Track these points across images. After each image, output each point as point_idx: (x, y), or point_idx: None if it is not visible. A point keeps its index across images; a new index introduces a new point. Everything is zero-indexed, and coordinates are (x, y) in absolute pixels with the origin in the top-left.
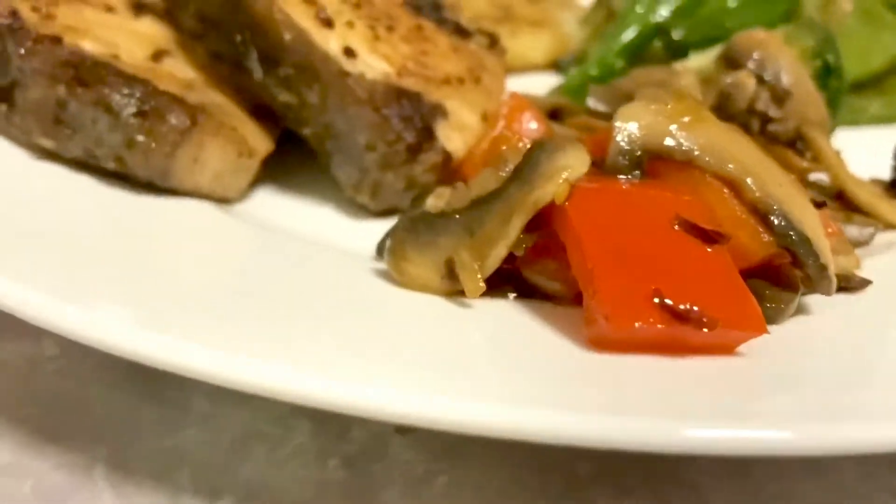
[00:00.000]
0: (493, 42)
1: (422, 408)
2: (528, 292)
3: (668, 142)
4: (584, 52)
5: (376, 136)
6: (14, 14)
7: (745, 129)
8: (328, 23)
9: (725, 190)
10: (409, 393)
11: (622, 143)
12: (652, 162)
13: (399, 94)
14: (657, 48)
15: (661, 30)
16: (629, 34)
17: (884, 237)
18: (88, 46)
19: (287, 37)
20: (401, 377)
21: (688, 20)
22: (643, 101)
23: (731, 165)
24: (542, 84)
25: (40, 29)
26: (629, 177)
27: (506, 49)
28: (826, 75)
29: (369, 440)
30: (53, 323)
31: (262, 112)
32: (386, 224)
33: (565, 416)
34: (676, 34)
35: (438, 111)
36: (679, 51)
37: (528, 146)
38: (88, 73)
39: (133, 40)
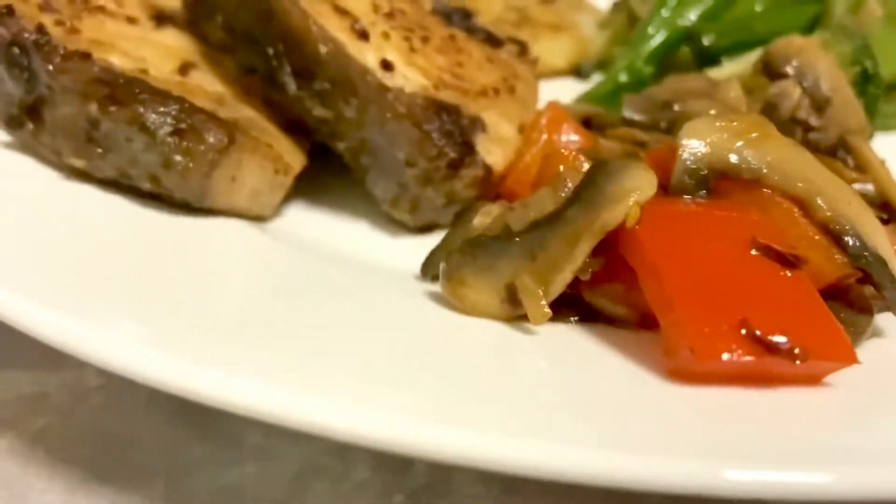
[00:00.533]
0: (524, 50)
1: (500, 452)
2: (591, 316)
3: (736, 160)
4: (605, 57)
5: (417, 151)
6: (40, 29)
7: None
8: (364, 35)
9: (796, 209)
10: (485, 436)
11: (688, 162)
12: (718, 181)
13: (439, 108)
14: (685, 53)
15: (691, 35)
16: (657, 39)
17: None
18: (116, 61)
19: (323, 50)
20: (474, 417)
21: (716, 24)
22: (707, 118)
23: (800, 184)
24: (563, 89)
25: (67, 44)
26: (695, 197)
27: (537, 58)
28: (864, 82)
29: (433, 473)
30: (92, 355)
31: (294, 125)
32: (423, 239)
33: (660, 461)
34: (707, 39)
35: (478, 124)
36: (707, 56)
37: (588, 165)
38: (121, 91)
39: (159, 53)
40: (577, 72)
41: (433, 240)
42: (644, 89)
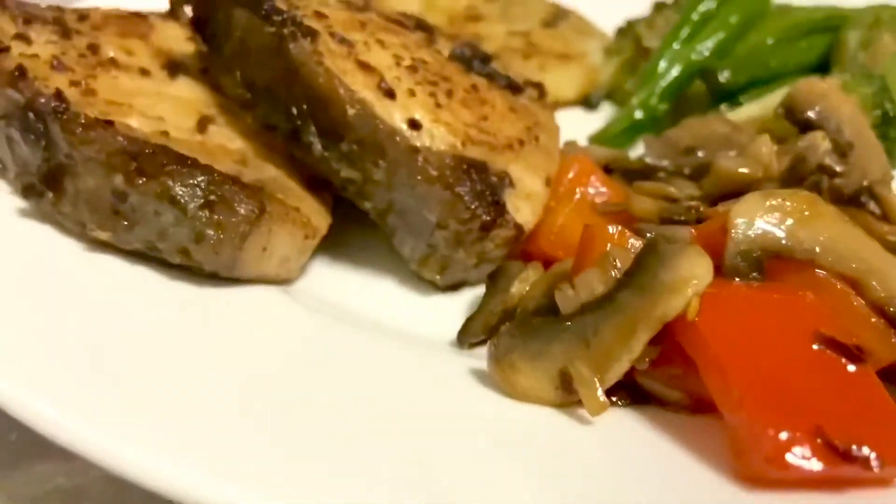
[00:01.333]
0: (542, 93)
1: None
2: (642, 397)
3: (789, 241)
4: (614, 86)
5: (448, 213)
6: (59, 96)
7: (815, 187)
8: (390, 93)
9: (851, 292)
10: None
11: (741, 244)
12: (771, 262)
13: (468, 167)
14: (698, 86)
15: (705, 71)
16: (671, 75)
17: None
18: (136, 123)
19: (350, 112)
20: None
21: (730, 60)
22: (756, 196)
23: (854, 264)
24: (573, 119)
25: (86, 109)
26: (749, 279)
27: (556, 103)
28: (885, 124)
29: None
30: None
31: (317, 180)
32: (452, 299)
33: None
34: (723, 77)
35: (506, 180)
36: (723, 92)
37: (639, 247)
38: (147, 162)
39: (175, 108)
40: (587, 101)
41: (462, 298)
42: (658, 125)
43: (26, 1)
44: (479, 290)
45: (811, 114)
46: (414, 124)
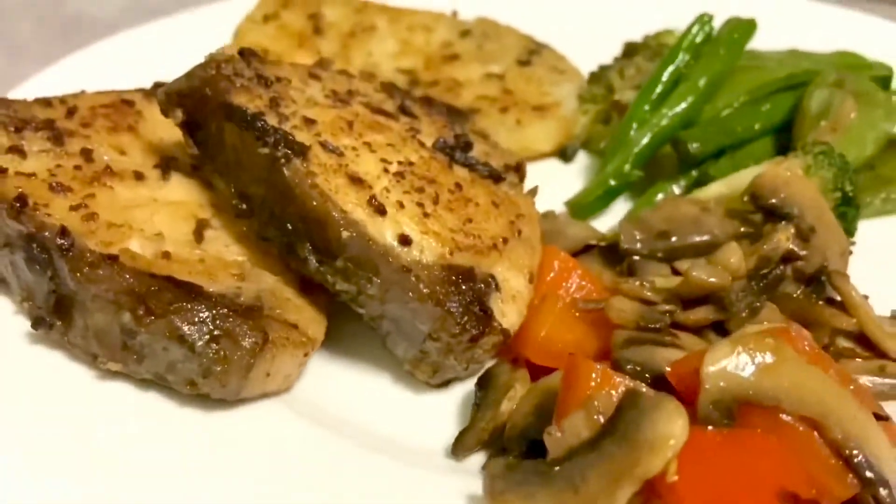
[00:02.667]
0: (522, 176)
1: None
2: None
3: (756, 390)
4: (588, 135)
5: (439, 328)
6: (64, 232)
7: (778, 280)
8: (381, 210)
9: (814, 434)
10: None
11: (713, 395)
12: (741, 407)
13: (456, 279)
14: (669, 148)
15: (676, 141)
16: (642, 142)
17: None
18: (137, 247)
19: (345, 234)
20: None
21: (697, 129)
22: (726, 345)
23: (814, 406)
24: (549, 171)
25: (90, 241)
26: (721, 425)
27: (536, 187)
28: (844, 204)
29: None
30: None
31: (312, 282)
32: (443, 396)
33: None
34: (692, 147)
35: (492, 285)
36: (692, 160)
37: (620, 394)
38: (154, 300)
39: (172, 217)
40: (563, 153)
41: (453, 396)
42: (632, 187)
43: (14, 100)
44: (470, 384)
45: (775, 201)
46: (404, 240)
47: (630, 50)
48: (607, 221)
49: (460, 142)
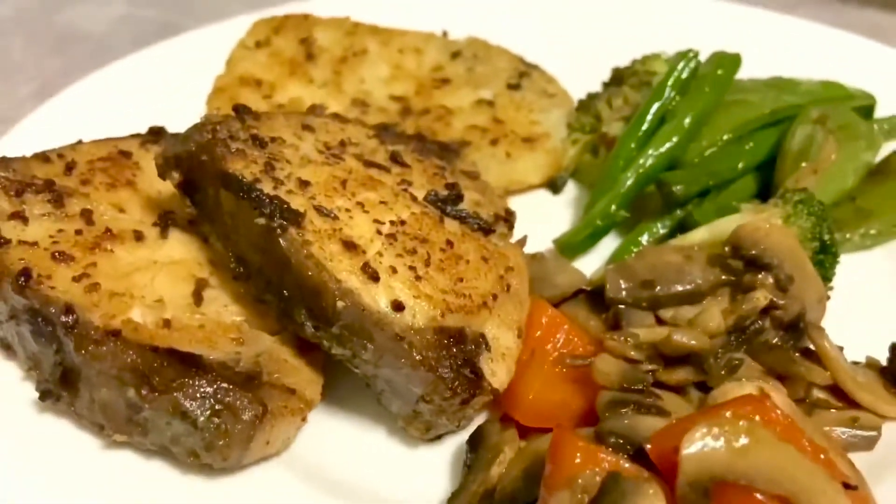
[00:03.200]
0: (511, 225)
1: None
2: None
3: (731, 471)
4: (576, 165)
5: (431, 391)
6: (69, 310)
7: (757, 333)
8: (374, 276)
9: None
10: None
11: (690, 476)
12: (717, 487)
13: (448, 342)
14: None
15: (661, 183)
16: (627, 183)
17: None
18: (139, 316)
19: (340, 304)
20: None
21: (681, 171)
22: (703, 428)
23: (786, 485)
24: (536, 202)
25: (94, 315)
26: None
27: (525, 237)
28: (822, 252)
29: None
30: None
31: (309, 343)
32: (435, 449)
33: None
34: (677, 190)
35: (482, 345)
36: (676, 202)
37: (603, 475)
38: (157, 376)
39: (172, 279)
40: (552, 185)
41: (446, 449)
42: (618, 226)
43: (13, 158)
44: (461, 437)
45: (755, 252)
46: (397, 306)
47: (618, 76)
48: (594, 259)
49: (451, 194)
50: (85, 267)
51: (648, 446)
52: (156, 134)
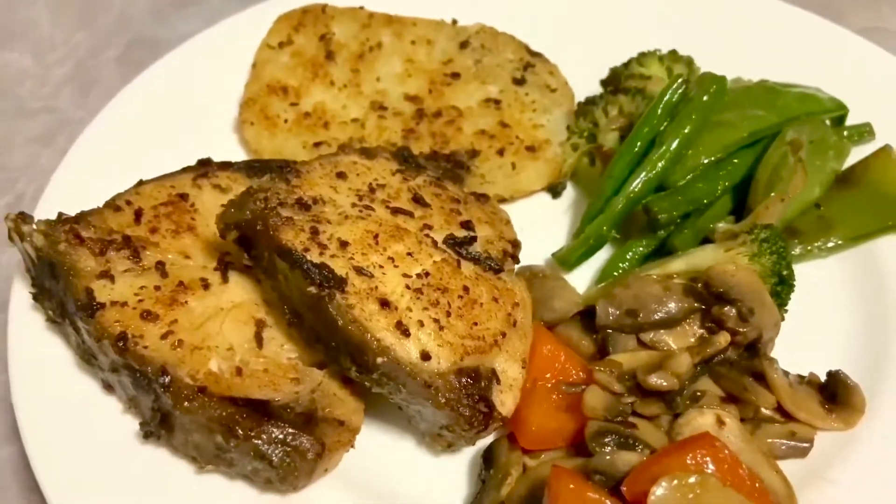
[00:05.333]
0: (516, 257)
1: None
2: None
3: None
4: (575, 171)
5: (453, 423)
6: (164, 371)
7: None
8: (406, 332)
9: None
10: None
11: None
12: None
13: (466, 382)
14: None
15: (646, 208)
16: (617, 207)
17: None
18: (215, 366)
19: (380, 360)
20: None
21: (665, 198)
22: (665, 480)
23: None
24: (536, 206)
25: (183, 373)
26: None
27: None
28: (780, 284)
29: None
30: None
31: None
32: (456, 457)
33: None
34: (661, 216)
35: (493, 379)
36: (660, 225)
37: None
38: (239, 427)
39: (236, 323)
40: (552, 189)
41: (465, 456)
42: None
43: (90, 213)
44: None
45: (723, 290)
46: (425, 356)
47: (615, 76)
48: (589, 268)
49: (467, 237)
50: (169, 324)
51: (624, 488)
52: (205, 165)
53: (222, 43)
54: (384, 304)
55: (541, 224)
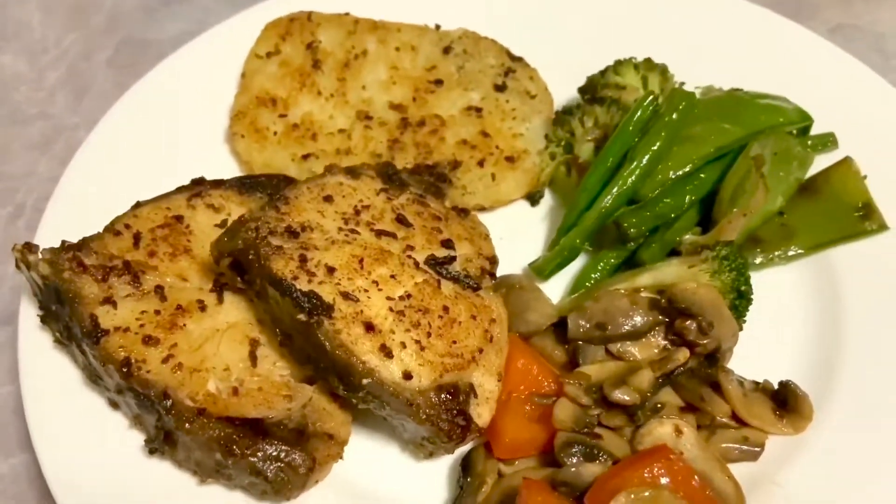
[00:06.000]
0: (494, 275)
1: None
2: None
3: None
4: (553, 181)
5: (434, 436)
6: (166, 395)
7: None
8: (389, 354)
9: None
10: None
11: None
12: None
13: (446, 397)
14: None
15: (617, 223)
16: (589, 221)
17: None
18: (213, 387)
19: (365, 381)
20: None
21: (634, 213)
22: (622, 495)
23: None
24: (514, 213)
25: (184, 395)
26: None
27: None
28: (738, 298)
29: None
30: None
31: None
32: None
33: None
34: (631, 231)
35: (471, 393)
36: (629, 239)
37: None
38: (236, 446)
39: (231, 343)
40: (530, 197)
41: (445, 462)
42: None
43: (91, 239)
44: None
45: (685, 306)
46: (407, 375)
47: (591, 86)
48: (563, 277)
49: (447, 257)
50: (169, 348)
51: (586, 501)
52: (198, 184)
53: (211, 51)
54: (369, 327)
55: (519, 231)
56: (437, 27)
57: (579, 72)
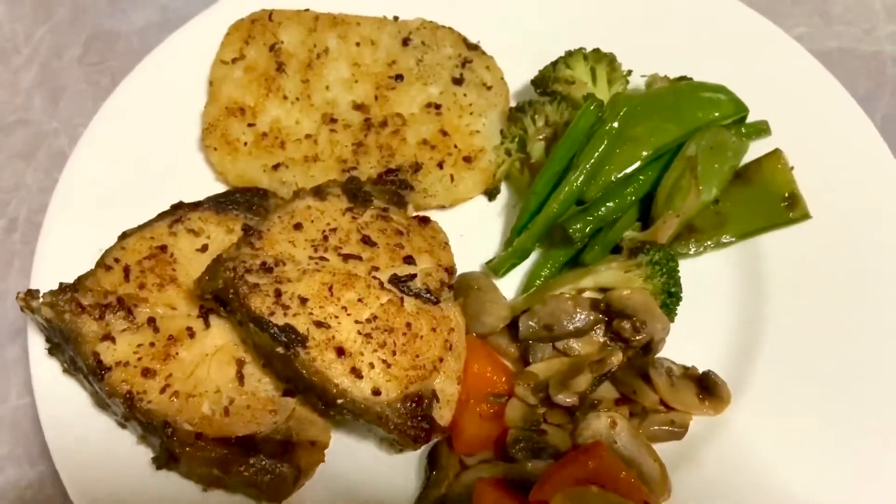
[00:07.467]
0: (452, 286)
1: None
2: None
3: None
4: (508, 175)
5: (401, 439)
6: (167, 424)
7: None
8: (359, 375)
9: None
10: None
11: None
12: None
13: (411, 406)
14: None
15: (562, 227)
16: (538, 226)
17: None
18: (207, 409)
19: (339, 400)
20: None
21: (579, 217)
22: (560, 496)
23: None
24: (472, 208)
25: (181, 420)
26: None
27: (462, 300)
28: (669, 298)
29: None
30: None
31: None
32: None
33: None
34: (576, 234)
35: (433, 399)
36: (573, 241)
37: None
38: (229, 464)
39: (220, 365)
40: (487, 193)
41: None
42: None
43: (86, 277)
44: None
45: (621, 308)
46: (376, 391)
47: (543, 79)
48: (517, 273)
49: (409, 275)
50: (166, 378)
51: (529, 499)
52: (177, 209)
53: (177, 58)
54: (340, 352)
55: (477, 227)
56: (396, 18)
57: (538, 53)
